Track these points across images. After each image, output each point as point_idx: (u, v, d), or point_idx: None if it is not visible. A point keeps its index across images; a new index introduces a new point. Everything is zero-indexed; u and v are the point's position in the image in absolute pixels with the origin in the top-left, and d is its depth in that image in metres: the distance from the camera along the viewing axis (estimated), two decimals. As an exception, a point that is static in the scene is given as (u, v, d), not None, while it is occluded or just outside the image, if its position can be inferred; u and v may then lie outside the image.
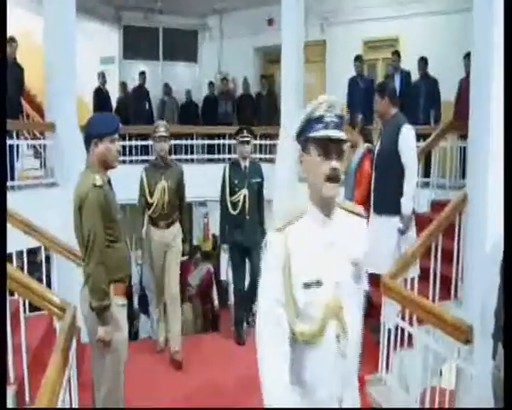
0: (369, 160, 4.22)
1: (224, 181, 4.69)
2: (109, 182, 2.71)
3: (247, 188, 4.64)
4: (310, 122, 1.62)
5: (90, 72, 9.21)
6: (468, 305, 3.04)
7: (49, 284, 4.15)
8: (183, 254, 4.57)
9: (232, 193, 4.64)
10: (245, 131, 4.73)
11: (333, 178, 1.57)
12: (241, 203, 4.61)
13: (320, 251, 1.58)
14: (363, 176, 4.24)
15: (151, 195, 4.28)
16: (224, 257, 6.69)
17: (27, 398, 3.01)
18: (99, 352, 2.65)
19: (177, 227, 4.44)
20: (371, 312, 4.14)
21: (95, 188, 2.54)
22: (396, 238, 3.82)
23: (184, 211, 4.61)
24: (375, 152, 4.05)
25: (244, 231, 4.64)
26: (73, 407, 2.76)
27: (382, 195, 3.91)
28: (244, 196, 4.60)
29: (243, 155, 4.75)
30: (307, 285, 1.56)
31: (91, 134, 2.65)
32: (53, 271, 4.22)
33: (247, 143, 4.71)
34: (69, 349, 2.65)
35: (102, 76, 9.11)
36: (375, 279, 3.81)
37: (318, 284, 1.56)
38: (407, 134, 3.81)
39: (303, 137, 1.66)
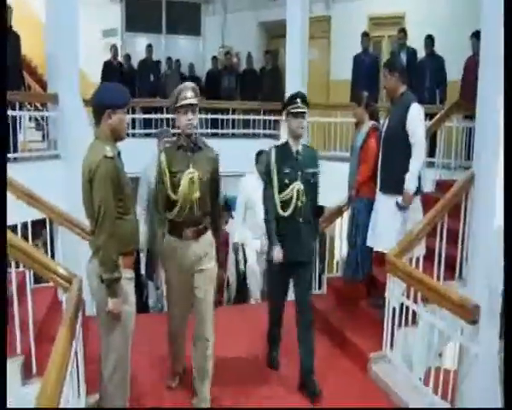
0: (375, 138, 4.16)
1: (269, 171, 3.43)
2: (119, 154, 2.68)
3: (302, 181, 3.38)
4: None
5: (92, 44, 9.09)
6: (473, 285, 3.05)
7: (52, 257, 4.16)
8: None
9: (281, 188, 3.38)
10: (299, 99, 3.39)
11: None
12: (293, 202, 3.37)
13: None
14: (369, 154, 4.17)
15: (174, 189, 3.03)
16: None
17: (34, 369, 3.03)
18: (107, 325, 2.65)
19: (209, 239, 3.18)
20: (376, 289, 4.17)
21: (106, 159, 2.51)
22: (402, 218, 3.81)
23: (219, 214, 3.46)
24: (383, 130, 4.01)
25: (298, 240, 3.42)
26: (80, 380, 2.78)
27: (389, 174, 3.88)
28: (298, 192, 3.36)
29: (296, 133, 3.39)
30: None
31: (105, 104, 2.59)
32: (57, 243, 4.22)
33: (302, 115, 3.39)
34: (76, 322, 2.66)
35: (115, 49, 8.99)
36: (380, 258, 3.83)
37: None
38: (416, 113, 3.76)
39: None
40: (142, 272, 4.97)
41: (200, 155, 3.11)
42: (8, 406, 2.02)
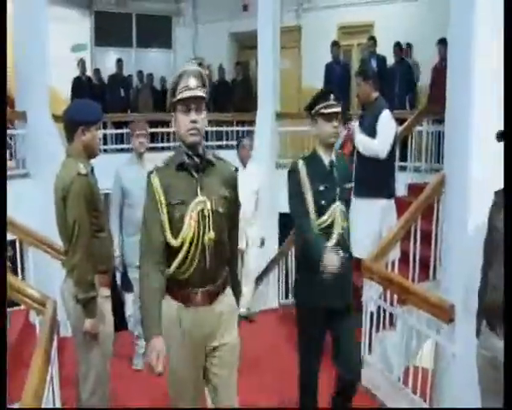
0: (349, 146, 4.22)
1: (299, 191, 2.62)
2: (92, 170, 2.65)
3: (341, 201, 2.66)
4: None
5: (61, 59, 8.97)
6: (448, 286, 3.10)
7: (23, 279, 4.07)
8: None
9: (318, 213, 2.60)
10: (332, 95, 2.62)
11: None
12: (336, 228, 2.62)
13: None
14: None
15: (175, 230, 2.04)
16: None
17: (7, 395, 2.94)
18: (85, 346, 2.59)
19: (229, 298, 2.21)
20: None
21: (79, 176, 2.48)
22: (377, 221, 3.85)
23: (236, 257, 2.41)
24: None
25: (341, 278, 2.61)
26: (56, 404, 2.71)
27: (362, 178, 3.92)
28: (340, 215, 2.63)
29: (329, 140, 2.65)
30: None
31: (78, 121, 2.56)
32: (28, 264, 4.13)
33: (337, 116, 2.62)
34: (51, 345, 2.59)
35: (82, 64, 8.90)
36: (355, 263, 3.86)
37: None
38: (386, 118, 3.85)
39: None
40: (119, 282, 4.83)
41: (212, 175, 2.11)
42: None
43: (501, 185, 2.28)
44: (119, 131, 8.02)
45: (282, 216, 6.43)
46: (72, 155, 2.59)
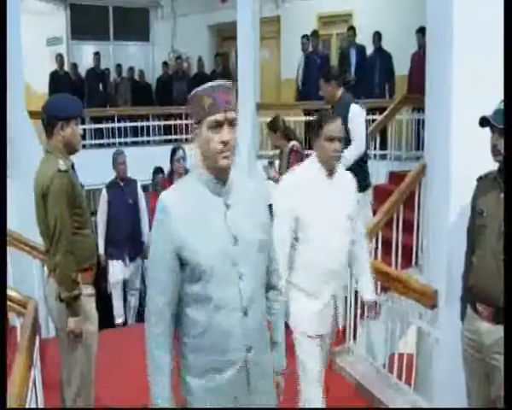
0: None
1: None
2: (73, 166, 2.60)
3: None
4: None
5: (36, 53, 8.80)
6: (430, 272, 3.13)
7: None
8: None
9: None
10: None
11: None
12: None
13: None
14: None
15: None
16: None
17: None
18: (69, 346, 2.54)
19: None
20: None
21: (59, 173, 2.42)
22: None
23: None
24: None
25: None
26: (39, 407, 2.63)
27: None
28: None
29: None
30: None
31: (57, 116, 2.49)
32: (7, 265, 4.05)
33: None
34: (33, 347, 2.53)
35: (60, 58, 8.73)
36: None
37: None
38: (356, 113, 3.80)
39: None
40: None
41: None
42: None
43: (482, 171, 2.31)
44: (98, 125, 7.92)
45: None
46: (52, 152, 2.52)
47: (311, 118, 6.67)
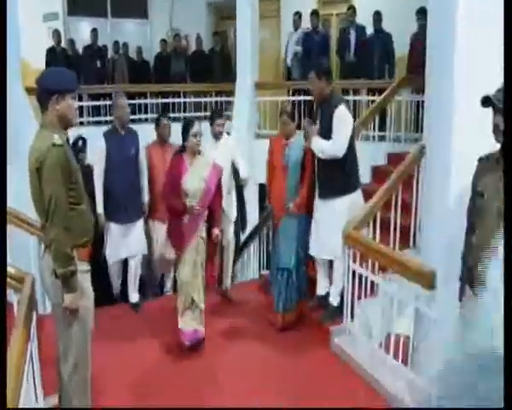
0: (311, 154, 3.90)
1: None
2: (68, 141, 2.56)
3: None
4: None
5: (32, 29, 8.66)
6: (428, 253, 3.14)
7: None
8: None
9: None
10: None
11: None
12: None
13: None
14: (308, 173, 3.93)
15: None
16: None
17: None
18: (65, 322, 2.54)
19: None
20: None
21: (54, 147, 2.37)
22: (345, 218, 3.67)
23: None
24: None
25: None
26: (37, 383, 2.65)
27: (326, 178, 3.78)
28: None
29: None
30: None
31: (52, 89, 2.45)
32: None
33: None
34: (30, 323, 2.53)
35: (57, 34, 8.58)
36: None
37: None
38: (341, 113, 3.65)
39: None
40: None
41: None
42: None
43: (483, 152, 2.30)
44: (96, 103, 7.84)
45: (262, 187, 6.41)
46: (47, 126, 2.48)
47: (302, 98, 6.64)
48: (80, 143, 4.91)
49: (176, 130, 4.41)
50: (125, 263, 4.69)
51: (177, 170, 3.73)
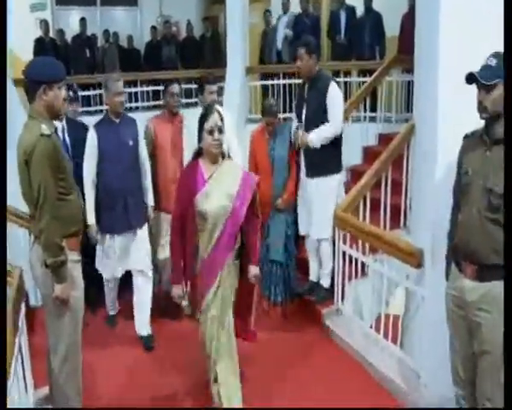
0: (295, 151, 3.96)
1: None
2: (56, 131, 2.56)
3: None
4: None
5: (18, 19, 8.54)
6: (417, 232, 3.14)
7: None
8: None
9: None
10: None
11: None
12: None
13: None
14: (295, 170, 3.94)
15: None
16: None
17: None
18: (55, 313, 2.55)
19: None
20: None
21: (42, 137, 2.37)
22: (334, 199, 3.73)
23: None
24: (303, 112, 3.84)
25: None
26: (27, 376, 2.63)
27: (315, 157, 3.75)
28: None
29: None
30: None
31: (40, 79, 2.44)
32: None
33: None
34: (19, 315, 2.51)
35: (45, 25, 8.48)
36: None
37: None
38: (335, 91, 3.68)
39: None
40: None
41: None
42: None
43: (469, 130, 2.30)
44: (86, 93, 7.78)
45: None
46: (35, 116, 2.48)
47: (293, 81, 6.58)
48: None
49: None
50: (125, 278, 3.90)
51: (191, 183, 2.65)
